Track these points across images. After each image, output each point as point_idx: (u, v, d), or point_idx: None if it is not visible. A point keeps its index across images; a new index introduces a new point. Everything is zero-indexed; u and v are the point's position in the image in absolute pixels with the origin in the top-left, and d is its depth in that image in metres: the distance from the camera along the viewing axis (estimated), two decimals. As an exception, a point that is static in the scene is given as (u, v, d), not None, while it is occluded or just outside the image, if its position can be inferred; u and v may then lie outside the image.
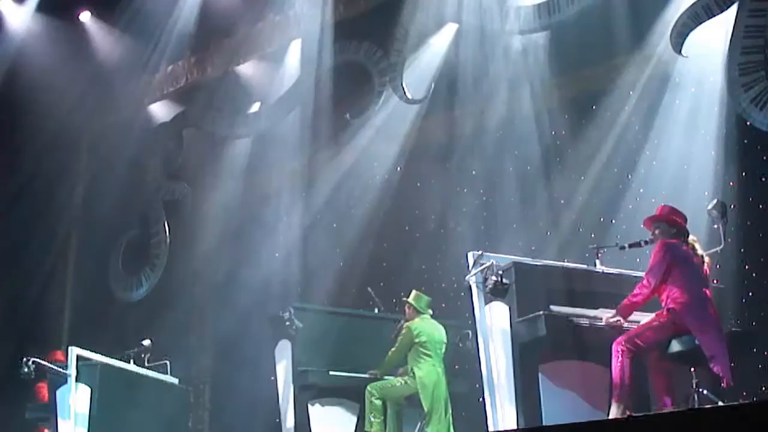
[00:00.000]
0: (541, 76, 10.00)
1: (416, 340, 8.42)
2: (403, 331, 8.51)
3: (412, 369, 8.40)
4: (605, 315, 6.87)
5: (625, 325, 6.87)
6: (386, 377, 8.70)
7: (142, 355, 10.49)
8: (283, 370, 9.15)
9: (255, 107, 12.45)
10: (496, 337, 7.22)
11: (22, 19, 12.89)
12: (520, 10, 9.98)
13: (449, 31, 10.73)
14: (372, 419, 8.39)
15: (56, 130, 13.00)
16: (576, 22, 9.59)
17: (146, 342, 10.45)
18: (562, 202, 9.84)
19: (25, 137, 12.91)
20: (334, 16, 11.51)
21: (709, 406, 6.28)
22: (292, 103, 11.92)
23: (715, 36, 8.92)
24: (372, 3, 11.26)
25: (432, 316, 8.70)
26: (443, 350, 8.55)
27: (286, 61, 12.13)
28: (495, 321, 7.23)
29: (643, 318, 6.85)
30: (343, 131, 11.56)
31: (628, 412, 6.53)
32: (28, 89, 12.57)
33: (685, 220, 7.07)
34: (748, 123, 8.59)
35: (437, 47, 10.82)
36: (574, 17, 9.61)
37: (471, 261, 7.41)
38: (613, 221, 9.40)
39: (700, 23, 8.92)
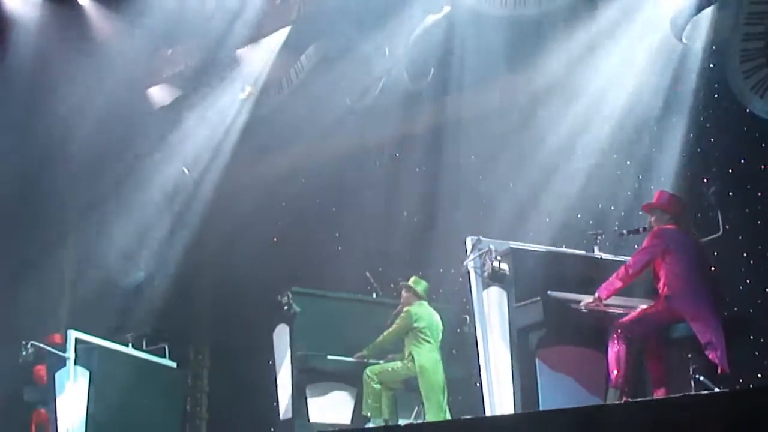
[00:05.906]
0: (538, 59, 9.96)
1: (415, 325, 8.43)
2: (402, 314, 8.52)
3: (410, 353, 8.42)
4: (585, 300, 6.84)
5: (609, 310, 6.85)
6: (376, 361, 8.71)
7: (141, 339, 10.51)
8: (281, 354, 9.17)
9: (255, 91, 12.42)
10: (494, 322, 7.23)
11: (21, 3, 12.85)
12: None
13: (446, 13, 10.67)
14: (370, 403, 8.42)
15: (55, 113, 12.97)
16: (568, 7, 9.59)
17: (145, 326, 10.47)
18: (561, 187, 9.83)
19: (24, 121, 12.87)
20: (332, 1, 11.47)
21: (705, 392, 6.30)
22: (293, 87, 11.89)
23: (716, 23, 8.91)
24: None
25: (429, 303, 8.71)
26: (440, 337, 8.58)
27: (285, 45, 12.09)
28: (493, 306, 7.25)
29: (628, 303, 6.86)
30: (342, 116, 11.55)
31: (624, 398, 6.57)
32: (27, 73, 12.54)
33: (684, 206, 7.08)
34: (747, 110, 8.59)
35: (437, 30, 10.77)
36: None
37: (469, 246, 7.42)
38: (612, 208, 9.40)
39: (701, 10, 8.90)
